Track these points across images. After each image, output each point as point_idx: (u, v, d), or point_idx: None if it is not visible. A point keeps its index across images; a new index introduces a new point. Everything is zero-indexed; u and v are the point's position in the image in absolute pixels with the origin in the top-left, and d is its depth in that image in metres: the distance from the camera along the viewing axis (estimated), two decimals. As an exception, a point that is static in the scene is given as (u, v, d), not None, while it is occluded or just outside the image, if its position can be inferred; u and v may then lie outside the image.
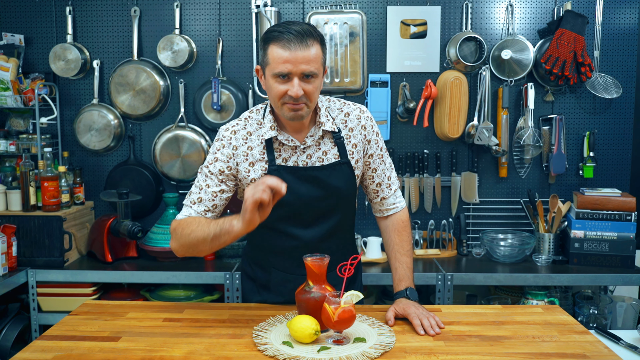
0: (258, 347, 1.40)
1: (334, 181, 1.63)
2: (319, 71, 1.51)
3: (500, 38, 2.87)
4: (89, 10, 2.92)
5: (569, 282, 2.56)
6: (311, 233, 1.66)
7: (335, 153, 1.64)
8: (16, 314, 2.69)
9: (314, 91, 1.51)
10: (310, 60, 1.47)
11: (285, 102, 1.51)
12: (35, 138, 2.83)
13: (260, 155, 1.62)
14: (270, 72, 1.50)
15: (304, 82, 1.49)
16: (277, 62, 1.47)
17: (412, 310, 1.57)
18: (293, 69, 1.46)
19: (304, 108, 1.52)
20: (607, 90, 2.80)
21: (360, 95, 2.87)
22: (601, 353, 1.38)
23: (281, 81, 1.49)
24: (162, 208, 2.99)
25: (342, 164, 1.64)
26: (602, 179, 2.95)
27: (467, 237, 2.89)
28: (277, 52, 1.47)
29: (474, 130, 2.81)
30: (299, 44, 1.45)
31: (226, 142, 1.63)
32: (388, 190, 1.75)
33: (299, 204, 1.62)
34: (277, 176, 1.50)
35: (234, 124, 1.65)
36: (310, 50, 1.47)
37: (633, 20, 2.87)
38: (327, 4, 2.87)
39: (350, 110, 1.68)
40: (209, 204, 1.62)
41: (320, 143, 1.64)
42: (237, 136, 1.63)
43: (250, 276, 1.82)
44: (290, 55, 1.45)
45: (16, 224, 2.62)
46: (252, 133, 1.63)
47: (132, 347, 1.42)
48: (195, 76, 2.94)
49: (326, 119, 1.63)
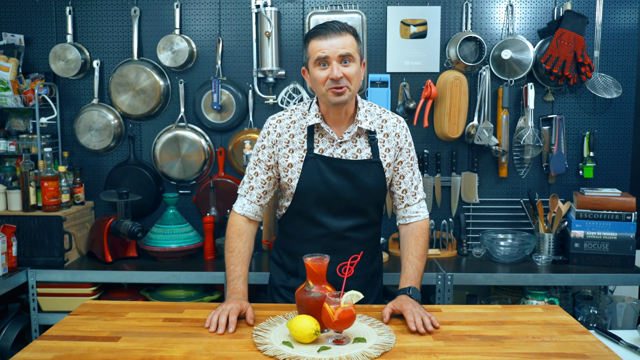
0: (258, 347, 1.40)
1: (364, 177, 1.74)
2: (355, 56, 1.66)
3: (500, 38, 2.87)
4: (89, 10, 2.93)
5: (569, 282, 2.56)
6: (338, 223, 1.76)
7: (368, 152, 1.76)
8: (16, 314, 2.69)
9: (353, 75, 1.65)
10: (346, 45, 1.63)
11: (329, 88, 1.64)
12: (35, 138, 2.83)
13: (300, 143, 1.75)
14: (312, 62, 1.66)
15: (342, 66, 1.64)
16: (315, 51, 1.65)
17: (409, 307, 1.58)
18: (330, 53, 1.63)
19: (347, 91, 1.65)
20: (607, 90, 2.80)
21: (361, 95, 2.86)
22: (601, 353, 1.38)
23: (322, 68, 1.65)
24: (162, 208, 3.00)
25: (373, 163, 1.75)
26: (602, 179, 2.95)
27: (467, 237, 2.89)
28: (315, 43, 1.65)
29: (474, 130, 2.81)
30: (334, 33, 1.63)
31: (272, 129, 1.78)
32: (413, 198, 1.83)
33: (328, 193, 1.73)
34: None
35: (280, 114, 1.81)
36: (345, 37, 1.64)
37: (633, 20, 2.87)
38: (327, 4, 2.87)
39: (388, 117, 1.81)
40: (259, 191, 1.79)
41: (356, 140, 1.76)
42: (282, 124, 1.78)
43: (279, 263, 1.92)
44: (327, 42, 1.63)
45: (16, 224, 2.62)
46: (296, 122, 1.78)
47: (132, 347, 1.42)
48: (195, 76, 2.94)
49: (364, 118, 1.75)
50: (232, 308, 1.56)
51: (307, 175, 1.73)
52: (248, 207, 1.80)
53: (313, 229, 1.78)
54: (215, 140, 2.97)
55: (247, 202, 1.80)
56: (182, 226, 2.77)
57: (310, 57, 1.67)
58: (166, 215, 2.79)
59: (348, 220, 1.77)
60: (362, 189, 1.74)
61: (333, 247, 1.76)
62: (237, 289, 1.69)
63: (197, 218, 2.94)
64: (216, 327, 1.51)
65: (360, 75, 1.70)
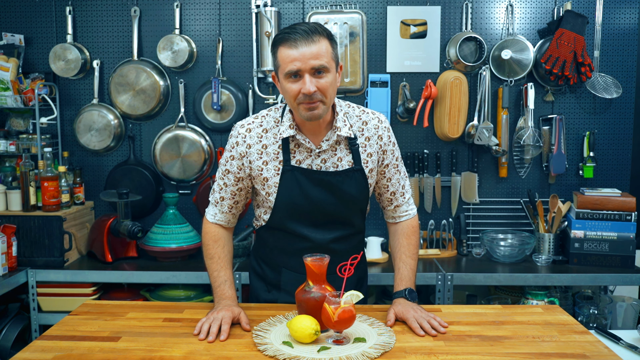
0: (258, 347, 1.40)
1: (347, 187, 1.63)
2: (330, 65, 1.50)
3: (500, 38, 2.87)
4: (89, 10, 2.93)
5: (569, 282, 2.56)
6: (321, 235, 1.67)
7: (349, 160, 1.64)
8: (16, 314, 2.69)
9: (328, 87, 1.50)
10: (319, 54, 1.47)
11: (300, 102, 1.50)
12: (35, 138, 2.83)
13: (275, 154, 1.62)
14: (282, 73, 1.51)
15: (316, 77, 1.48)
16: (286, 62, 1.48)
17: (411, 314, 1.56)
18: (302, 65, 1.46)
19: (320, 106, 1.51)
20: (607, 90, 2.80)
21: (360, 95, 2.87)
22: (601, 353, 1.38)
23: (293, 80, 1.49)
24: (162, 208, 3.00)
25: (355, 171, 1.64)
26: (602, 179, 2.95)
27: (467, 237, 2.89)
28: (285, 52, 1.48)
29: (474, 130, 2.81)
30: (305, 40, 1.46)
31: (240, 139, 1.63)
32: (402, 198, 1.77)
33: (310, 206, 1.63)
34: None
35: (249, 121, 1.65)
36: (318, 45, 1.47)
37: (633, 20, 2.87)
38: (327, 4, 2.87)
39: (368, 119, 1.67)
40: (230, 202, 1.70)
41: (336, 148, 1.63)
42: (252, 134, 1.63)
43: (259, 275, 1.83)
44: (298, 53, 1.46)
45: (16, 224, 2.62)
46: (267, 130, 1.63)
47: (132, 347, 1.41)
48: (195, 76, 2.94)
49: (343, 124, 1.61)
50: (225, 317, 1.51)
51: (285, 189, 1.61)
52: (220, 216, 1.71)
53: (296, 242, 1.68)
54: (215, 140, 2.97)
55: (218, 211, 1.71)
56: (182, 226, 2.77)
57: (279, 66, 1.51)
58: (166, 215, 2.79)
59: (332, 232, 1.68)
60: (346, 200, 1.64)
61: None
62: (225, 294, 1.63)
63: (197, 218, 2.94)
64: (206, 336, 1.46)
65: (335, 84, 1.54)
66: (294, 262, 1.69)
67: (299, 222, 1.66)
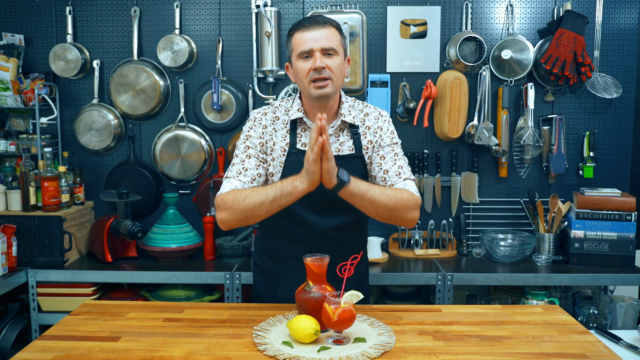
0: (258, 347, 1.40)
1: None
2: (339, 50, 1.66)
3: (500, 38, 2.87)
4: (89, 10, 2.93)
5: (569, 282, 2.56)
6: (323, 221, 1.72)
7: (350, 146, 1.74)
8: (16, 314, 2.69)
9: (336, 67, 1.65)
10: (329, 38, 1.64)
11: (311, 80, 1.63)
12: (35, 138, 2.83)
13: (283, 138, 1.74)
14: (295, 55, 1.66)
15: (326, 57, 1.63)
16: (299, 44, 1.64)
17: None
18: (314, 45, 1.62)
19: (329, 84, 1.64)
20: (607, 90, 2.80)
21: (360, 95, 2.87)
22: (601, 353, 1.38)
23: (305, 60, 1.64)
24: (162, 208, 2.99)
25: (356, 157, 1.73)
26: (602, 179, 2.95)
27: (467, 237, 2.89)
28: (298, 36, 1.65)
29: (474, 130, 2.81)
30: (317, 25, 1.64)
31: (257, 122, 1.76)
32: (397, 177, 1.69)
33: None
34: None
35: (265, 108, 1.80)
36: (328, 31, 1.64)
37: (633, 20, 2.87)
38: (327, 4, 2.87)
39: (370, 111, 1.80)
40: (254, 172, 1.70)
41: (339, 135, 1.75)
42: (267, 117, 1.76)
43: (261, 268, 1.87)
44: (310, 34, 1.63)
45: (16, 224, 2.62)
46: (279, 117, 1.77)
47: (132, 347, 1.42)
48: (195, 76, 2.94)
49: (347, 112, 1.75)
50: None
51: (289, 170, 1.67)
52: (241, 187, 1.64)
53: (297, 229, 1.73)
54: (215, 140, 2.97)
55: (239, 183, 1.64)
56: (182, 226, 2.77)
57: (293, 49, 1.67)
58: (166, 215, 2.79)
59: (333, 218, 1.72)
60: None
61: (318, 249, 1.60)
62: (289, 178, 1.55)
63: (197, 218, 2.94)
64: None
65: (343, 69, 1.69)
66: (295, 251, 1.71)
67: (301, 205, 1.67)
